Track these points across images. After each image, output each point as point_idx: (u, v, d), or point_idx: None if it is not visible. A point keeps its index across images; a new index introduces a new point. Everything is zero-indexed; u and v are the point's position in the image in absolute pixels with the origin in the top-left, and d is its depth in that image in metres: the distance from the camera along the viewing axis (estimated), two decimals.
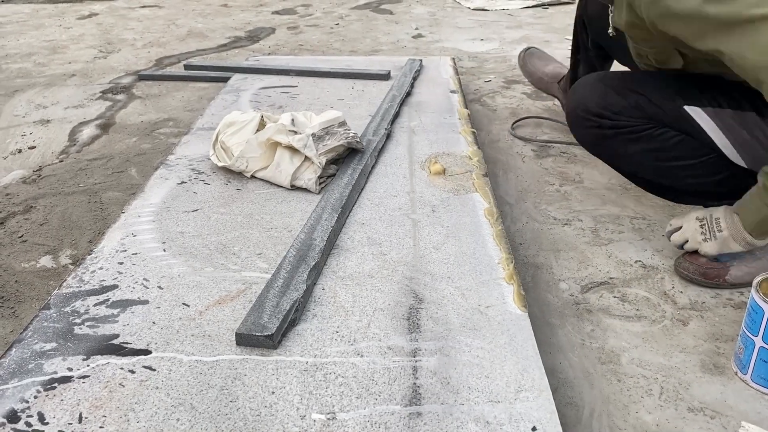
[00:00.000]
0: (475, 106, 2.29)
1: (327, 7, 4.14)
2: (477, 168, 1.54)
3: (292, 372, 0.91)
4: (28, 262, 1.37)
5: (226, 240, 1.25)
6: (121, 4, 4.42)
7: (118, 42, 3.35)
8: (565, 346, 1.11)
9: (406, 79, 2.18)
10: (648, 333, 1.14)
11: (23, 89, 2.56)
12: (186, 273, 1.14)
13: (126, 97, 2.44)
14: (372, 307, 1.05)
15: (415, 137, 1.75)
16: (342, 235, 1.27)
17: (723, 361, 1.07)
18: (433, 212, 1.35)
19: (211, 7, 4.24)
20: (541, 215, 1.54)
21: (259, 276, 1.13)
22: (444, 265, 1.16)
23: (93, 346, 0.96)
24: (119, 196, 1.64)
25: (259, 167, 1.49)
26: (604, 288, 1.27)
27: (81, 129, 2.13)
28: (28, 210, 1.59)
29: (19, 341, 0.97)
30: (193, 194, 1.43)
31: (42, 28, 3.70)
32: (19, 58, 3.04)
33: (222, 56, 3.03)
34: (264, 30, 3.55)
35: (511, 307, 1.04)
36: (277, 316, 0.98)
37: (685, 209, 1.50)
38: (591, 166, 1.79)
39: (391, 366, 0.91)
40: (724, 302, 1.22)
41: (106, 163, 1.85)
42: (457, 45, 3.16)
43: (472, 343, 0.96)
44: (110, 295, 1.08)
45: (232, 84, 2.22)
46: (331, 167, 1.51)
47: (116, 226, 1.29)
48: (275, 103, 2.03)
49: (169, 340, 0.97)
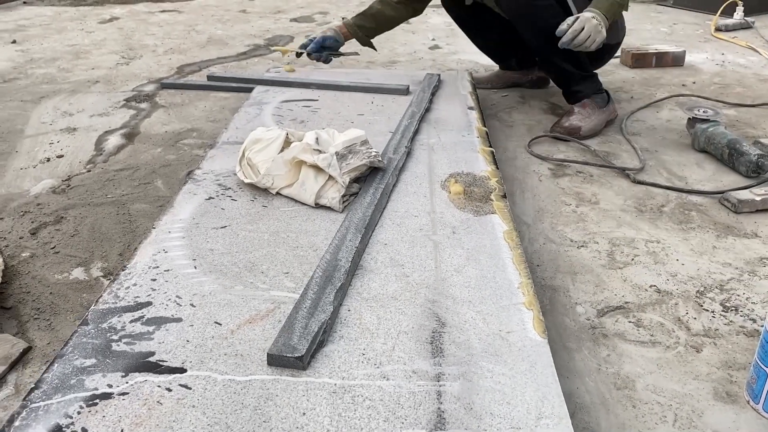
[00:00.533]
0: (492, 122, 2.33)
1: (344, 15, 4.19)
2: (496, 189, 1.58)
3: (321, 393, 0.95)
4: (61, 273, 1.42)
5: (254, 258, 1.29)
6: (141, 8, 4.49)
7: (139, 48, 3.41)
8: (582, 370, 1.15)
9: (424, 94, 2.22)
10: (662, 359, 1.17)
11: (49, 95, 2.62)
12: (217, 291, 1.18)
13: (149, 106, 2.49)
14: (396, 329, 1.09)
15: (435, 155, 1.79)
16: (365, 255, 1.31)
17: (736, 389, 1.10)
18: (454, 234, 1.39)
19: (230, 13, 4.30)
20: (558, 236, 1.58)
21: (286, 295, 1.17)
22: (465, 289, 1.20)
23: (130, 363, 1.00)
24: (147, 208, 1.69)
25: (285, 185, 1.53)
26: (620, 312, 1.30)
27: (107, 138, 2.19)
28: (59, 220, 1.64)
29: (61, 356, 1.01)
30: (221, 210, 1.47)
31: (64, 32, 3.77)
32: (44, 63, 3.11)
33: (242, 64, 3.09)
34: (283, 38, 3.60)
35: (531, 333, 1.07)
36: (306, 337, 1.02)
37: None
38: (606, 186, 1.82)
39: (416, 390, 0.95)
40: (737, 330, 1.25)
41: (133, 173, 1.91)
42: (473, 57, 3.20)
43: (493, 369, 1.00)
44: (145, 312, 1.12)
45: (254, 96, 2.27)
46: (354, 186, 1.55)
47: (148, 242, 1.34)
48: (297, 117, 2.07)
49: (203, 359, 1.01)
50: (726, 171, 1.91)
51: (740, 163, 1.86)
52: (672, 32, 3.72)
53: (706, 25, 3.83)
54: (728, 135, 1.94)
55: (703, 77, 2.87)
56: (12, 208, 1.71)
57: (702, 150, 2.03)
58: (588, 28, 1.92)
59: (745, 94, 2.62)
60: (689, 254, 1.50)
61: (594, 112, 2.19)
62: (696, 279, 1.41)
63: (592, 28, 1.92)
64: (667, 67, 3.01)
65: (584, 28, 1.92)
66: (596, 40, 1.94)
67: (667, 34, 3.68)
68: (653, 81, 2.81)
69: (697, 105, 2.38)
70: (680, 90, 2.68)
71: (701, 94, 2.59)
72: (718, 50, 3.31)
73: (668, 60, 3.02)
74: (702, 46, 3.38)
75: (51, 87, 2.74)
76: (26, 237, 1.57)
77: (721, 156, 1.94)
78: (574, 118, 2.17)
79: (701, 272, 1.43)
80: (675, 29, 3.79)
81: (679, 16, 4.13)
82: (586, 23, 1.92)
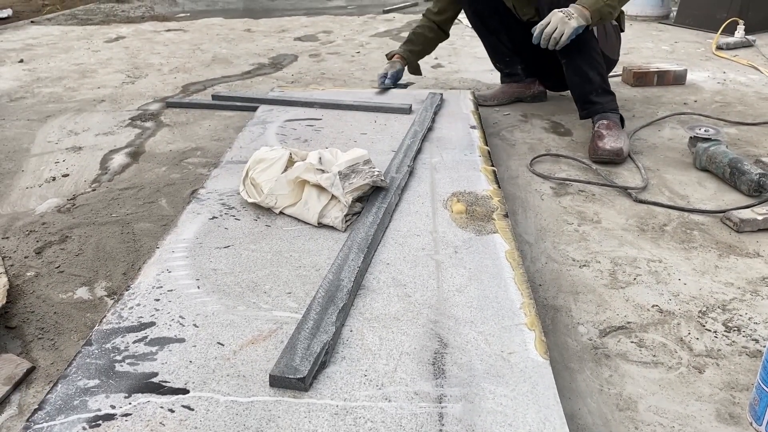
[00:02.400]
0: (494, 140, 2.34)
1: (348, 34, 4.23)
2: (498, 208, 1.59)
3: (323, 415, 0.95)
4: (65, 293, 1.43)
5: (257, 278, 1.30)
6: (147, 27, 4.54)
7: (145, 66, 3.44)
8: (584, 391, 1.15)
9: (427, 113, 2.24)
10: (665, 380, 1.17)
11: (55, 114, 2.65)
12: (220, 311, 1.19)
13: (154, 125, 2.52)
14: (398, 350, 1.09)
15: (437, 174, 1.80)
16: (368, 275, 1.32)
17: (738, 410, 1.10)
18: (456, 253, 1.39)
19: (235, 32, 4.34)
20: (560, 256, 1.58)
21: (289, 316, 1.18)
22: (467, 309, 1.20)
23: (133, 383, 1.01)
24: (151, 228, 1.70)
25: (288, 204, 1.54)
26: (622, 333, 1.30)
27: (112, 157, 2.21)
28: (64, 240, 1.65)
29: (64, 377, 1.02)
30: (224, 230, 1.48)
31: (71, 51, 3.82)
32: (50, 82, 3.14)
33: (246, 83, 3.11)
34: (287, 57, 3.63)
35: (533, 354, 1.08)
36: (308, 358, 1.03)
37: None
38: (608, 205, 1.83)
39: (418, 412, 0.95)
40: (739, 350, 1.25)
41: (137, 193, 1.92)
42: (476, 76, 3.22)
43: (495, 390, 1.00)
44: (148, 332, 1.13)
45: (258, 116, 2.29)
46: (357, 205, 1.56)
47: (151, 262, 1.35)
48: (300, 136, 2.09)
49: (205, 380, 1.02)
50: (728, 190, 1.92)
51: (742, 182, 1.87)
52: (673, 50, 3.74)
53: (708, 44, 3.85)
54: (729, 154, 1.95)
55: (704, 95, 2.88)
56: (17, 227, 1.72)
57: (703, 169, 2.04)
58: (554, 20, 2.09)
59: (746, 112, 2.63)
60: (691, 274, 1.50)
61: (621, 133, 2.17)
62: (698, 299, 1.41)
63: (558, 21, 2.08)
64: (669, 85, 3.03)
65: (550, 21, 2.10)
66: (564, 30, 2.07)
67: (668, 52, 3.71)
68: (655, 99, 2.83)
69: (699, 124, 2.39)
70: (682, 108, 2.69)
71: (702, 113, 2.60)
72: (720, 68, 3.33)
73: (670, 78, 3.04)
74: (703, 65, 3.40)
75: (57, 106, 2.77)
76: (31, 256, 1.58)
77: (723, 175, 1.95)
78: (609, 140, 2.12)
79: (703, 292, 1.43)
80: (676, 47, 3.81)
81: (681, 35, 4.16)
82: (552, 17, 2.10)
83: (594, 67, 2.22)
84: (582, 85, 2.27)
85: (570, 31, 2.07)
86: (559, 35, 2.08)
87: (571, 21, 2.07)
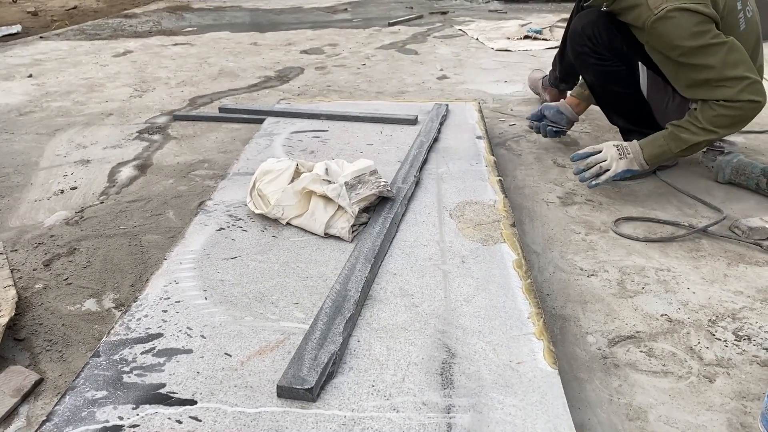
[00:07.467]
0: (501, 151, 2.34)
1: (353, 47, 4.25)
2: (505, 218, 1.58)
3: (330, 426, 0.95)
4: (73, 305, 1.43)
5: (264, 289, 1.30)
6: (154, 41, 4.58)
7: (152, 80, 3.47)
8: (594, 401, 1.14)
9: (433, 124, 2.24)
10: (675, 389, 1.16)
11: (64, 128, 2.67)
12: (227, 322, 1.19)
13: (162, 138, 2.53)
14: (406, 360, 1.08)
15: (444, 185, 1.80)
16: (375, 285, 1.31)
17: (750, 420, 1.09)
18: (463, 263, 1.39)
19: (241, 46, 4.37)
20: (567, 265, 1.58)
21: (296, 326, 1.18)
22: (475, 319, 1.20)
23: (141, 395, 1.01)
24: (158, 240, 1.71)
25: (295, 215, 1.54)
26: (631, 342, 1.29)
27: (119, 170, 2.22)
28: (72, 252, 1.66)
29: (72, 389, 1.02)
30: (231, 241, 1.48)
31: (79, 65, 3.85)
32: (59, 97, 3.17)
33: (253, 96, 3.13)
34: (293, 70, 3.65)
35: (542, 363, 1.07)
36: (315, 369, 1.03)
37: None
38: (616, 215, 1.82)
39: (426, 422, 0.95)
40: (750, 359, 1.24)
41: (145, 205, 1.93)
42: (481, 87, 3.23)
43: (504, 401, 0.99)
44: (156, 343, 1.13)
45: (265, 128, 2.30)
46: (363, 215, 1.56)
47: (159, 273, 1.35)
48: (307, 147, 2.10)
49: (213, 391, 1.02)
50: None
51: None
52: None
53: None
54: (758, 164, 1.94)
55: None
56: (26, 239, 1.73)
57: (728, 182, 2.01)
58: (606, 151, 1.87)
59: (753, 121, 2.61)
60: (700, 282, 1.49)
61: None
62: (708, 307, 1.40)
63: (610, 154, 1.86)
64: None
65: (602, 150, 1.88)
66: (611, 167, 1.85)
67: None
68: None
69: None
70: None
71: None
72: None
73: None
74: None
75: (65, 120, 2.79)
76: (39, 268, 1.58)
77: (757, 186, 1.92)
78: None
79: (713, 301, 1.42)
80: None
81: None
82: (606, 148, 1.88)
83: (621, 115, 2.15)
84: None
85: (618, 172, 1.85)
86: (603, 171, 1.86)
87: (622, 161, 1.84)
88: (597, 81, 2.11)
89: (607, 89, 2.11)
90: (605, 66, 2.03)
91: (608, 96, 2.13)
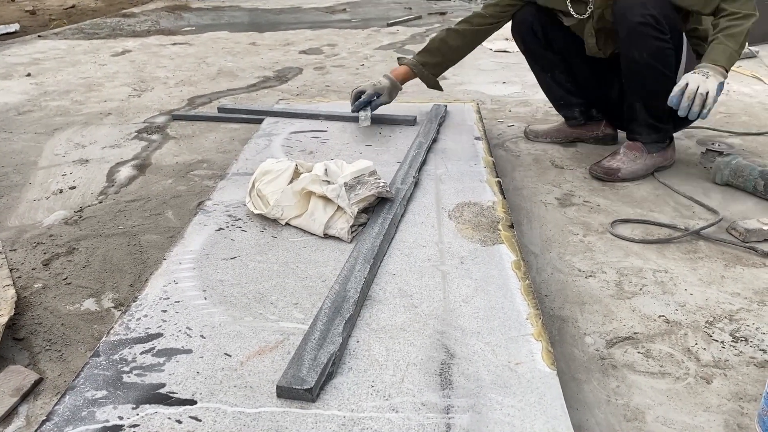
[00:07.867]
0: (499, 152, 2.35)
1: (352, 47, 4.26)
2: (503, 219, 1.59)
3: (330, 426, 0.95)
4: (72, 304, 1.43)
5: (263, 289, 1.30)
6: (152, 41, 4.58)
7: (151, 80, 3.47)
8: (592, 402, 1.14)
9: (431, 125, 2.25)
10: (672, 390, 1.17)
11: (62, 128, 2.67)
12: (226, 322, 1.19)
13: (161, 138, 2.53)
14: (405, 361, 1.09)
15: (442, 185, 1.80)
16: (374, 285, 1.32)
17: (747, 421, 1.09)
18: (462, 264, 1.40)
19: (240, 46, 4.37)
20: (565, 266, 1.58)
21: (296, 327, 1.18)
22: (474, 320, 1.20)
23: (141, 394, 1.01)
24: (157, 239, 1.71)
25: (294, 215, 1.55)
26: (629, 343, 1.30)
27: (118, 169, 2.22)
28: (71, 252, 1.66)
29: (72, 388, 1.02)
30: (231, 241, 1.49)
31: (78, 64, 3.85)
32: (57, 96, 3.17)
33: (252, 96, 3.13)
34: (292, 70, 3.65)
35: (540, 364, 1.07)
36: (315, 369, 1.03)
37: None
38: (613, 216, 1.83)
39: (425, 423, 0.95)
40: (747, 360, 1.24)
41: (144, 204, 1.93)
42: (479, 88, 3.24)
43: (502, 401, 0.99)
44: (155, 343, 1.13)
45: (264, 128, 2.30)
46: (363, 216, 1.56)
47: (158, 273, 1.35)
48: (306, 148, 2.10)
49: (213, 391, 1.02)
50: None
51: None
52: None
53: None
54: (756, 167, 1.94)
55: None
56: (25, 239, 1.73)
57: (726, 184, 2.01)
58: (693, 81, 1.80)
59: (750, 122, 2.63)
60: (698, 284, 1.50)
61: (642, 156, 2.09)
62: (705, 309, 1.40)
63: (697, 80, 1.79)
64: None
65: (688, 82, 1.80)
66: (708, 88, 1.78)
67: None
68: None
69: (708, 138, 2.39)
70: None
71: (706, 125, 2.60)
72: None
73: None
74: None
75: (64, 119, 2.79)
76: (38, 268, 1.59)
77: (754, 188, 1.93)
78: (617, 160, 2.09)
79: (710, 302, 1.43)
80: None
81: None
82: (688, 79, 1.81)
83: (650, 113, 2.06)
84: (629, 117, 2.13)
85: (715, 88, 1.78)
86: (705, 91, 1.78)
87: (710, 79, 1.79)
88: (647, 59, 1.94)
89: (651, 71, 1.96)
90: (662, 43, 1.92)
91: (646, 79, 1.98)
